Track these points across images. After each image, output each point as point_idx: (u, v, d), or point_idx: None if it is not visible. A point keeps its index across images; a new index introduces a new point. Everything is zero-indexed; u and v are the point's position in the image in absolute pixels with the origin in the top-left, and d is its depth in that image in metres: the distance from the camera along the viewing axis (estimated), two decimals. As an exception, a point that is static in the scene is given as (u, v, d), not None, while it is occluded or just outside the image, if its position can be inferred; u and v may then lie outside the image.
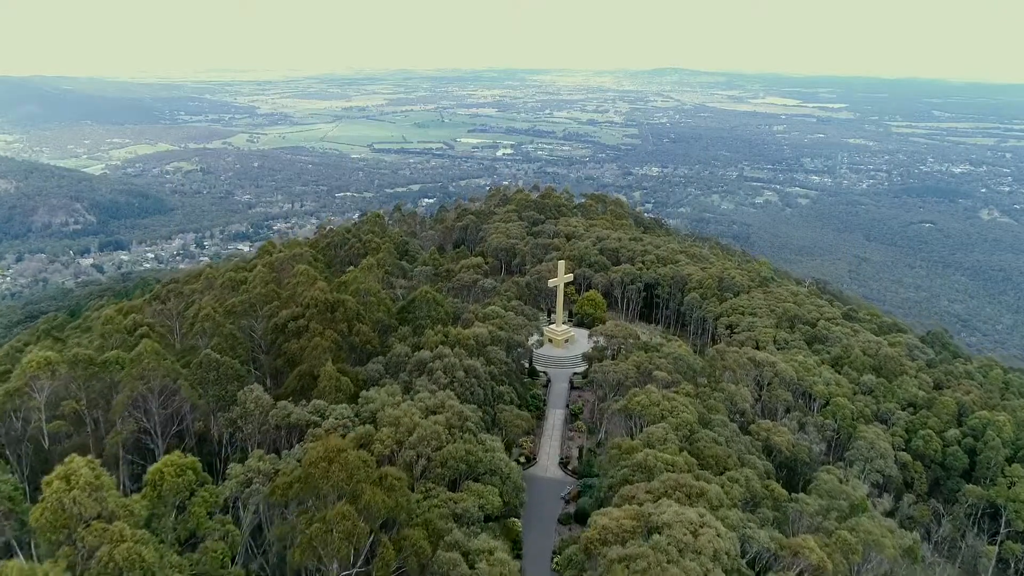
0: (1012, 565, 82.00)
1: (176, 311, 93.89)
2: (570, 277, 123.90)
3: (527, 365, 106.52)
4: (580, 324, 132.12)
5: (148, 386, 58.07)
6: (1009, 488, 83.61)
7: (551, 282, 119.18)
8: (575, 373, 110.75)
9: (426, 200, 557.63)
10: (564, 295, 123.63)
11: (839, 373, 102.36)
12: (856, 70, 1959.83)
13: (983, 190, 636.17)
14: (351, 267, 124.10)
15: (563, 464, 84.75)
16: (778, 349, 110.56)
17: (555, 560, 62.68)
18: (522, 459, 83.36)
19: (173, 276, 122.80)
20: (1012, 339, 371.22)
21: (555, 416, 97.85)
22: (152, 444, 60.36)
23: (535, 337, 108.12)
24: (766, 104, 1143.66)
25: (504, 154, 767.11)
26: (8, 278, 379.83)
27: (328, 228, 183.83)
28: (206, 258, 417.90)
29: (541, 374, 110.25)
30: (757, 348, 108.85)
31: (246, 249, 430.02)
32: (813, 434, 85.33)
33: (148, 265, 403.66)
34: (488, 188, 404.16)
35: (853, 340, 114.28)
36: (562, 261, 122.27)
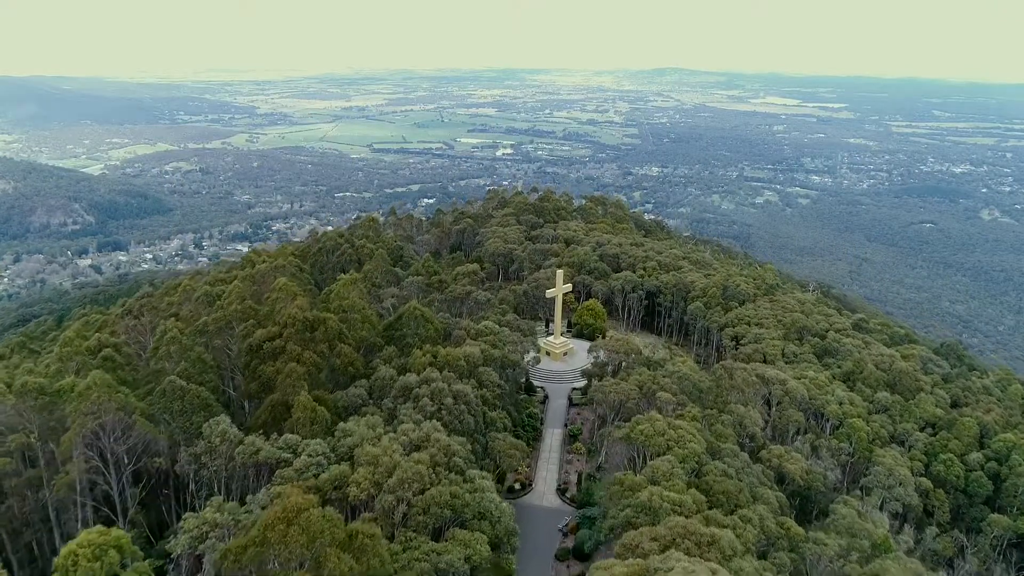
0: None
1: (150, 327, 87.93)
2: (568, 287, 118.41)
3: (523, 380, 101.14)
4: (579, 335, 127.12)
5: (99, 422, 52.92)
6: (1038, 518, 78.00)
7: (549, 292, 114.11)
8: (574, 388, 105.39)
9: (426, 200, 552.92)
10: (563, 303, 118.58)
11: (852, 389, 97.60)
12: (856, 70, 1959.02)
13: (984, 190, 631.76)
14: (342, 275, 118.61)
15: (561, 491, 79.58)
16: (787, 363, 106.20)
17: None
18: (517, 485, 78.53)
19: (146, 292, 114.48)
20: (1014, 340, 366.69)
21: (553, 436, 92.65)
22: (106, 484, 55.17)
23: (531, 354, 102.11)
24: (766, 104, 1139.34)
25: (504, 154, 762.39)
26: (6, 279, 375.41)
27: (322, 232, 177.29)
28: (204, 259, 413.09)
29: (538, 389, 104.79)
30: (765, 362, 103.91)
31: (244, 250, 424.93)
32: (827, 459, 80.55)
33: (146, 266, 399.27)
34: (488, 188, 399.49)
35: (865, 353, 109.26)
36: (560, 270, 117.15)
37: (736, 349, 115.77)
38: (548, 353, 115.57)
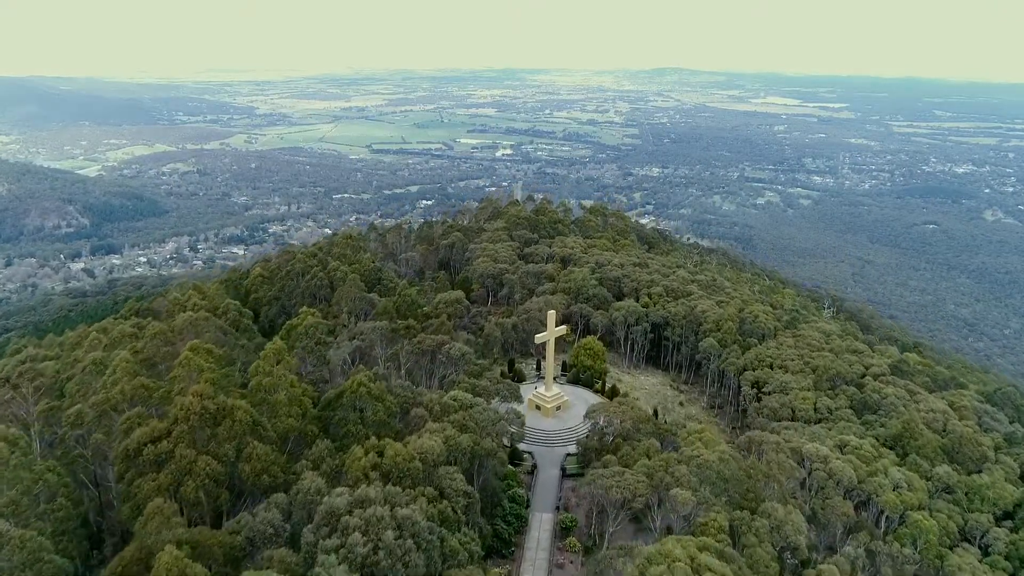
0: None
1: (32, 399, 68.18)
2: (563, 330, 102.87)
3: (507, 446, 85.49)
4: (576, 379, 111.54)
5: None
6: None
7: (539, 338, 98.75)
8: (569, 455, 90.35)
9: (424, 202, 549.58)
10: (558, 340, 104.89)
11: (903, 460, 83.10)
12: (856, 70, 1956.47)
13: (987, 190, 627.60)
14: (307, 307, 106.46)
15: None
16: (820, 420, 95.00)
17: None
18: (493, 607, 63.06)
19: (29, 355, 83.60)
20: (1021, 344, 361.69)
21: (541, 527, 75.96)
22: None
23: (514, 429, 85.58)
24: (766, 104, 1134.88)
25: (504, 154, 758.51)
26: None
27: (298, 250, 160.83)
28: (199, 262, 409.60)
29: (525, 456, 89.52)
30: (794, 419, 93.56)
31: (241, 252, 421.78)
32: (888, 573, 66.01)
33: (140, 270, 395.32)
34: (487, 189, 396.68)
35: (913, 410, 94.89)
36: (552, 312, 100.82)
37: (758, 400, 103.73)
38: (538, 407, 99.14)
